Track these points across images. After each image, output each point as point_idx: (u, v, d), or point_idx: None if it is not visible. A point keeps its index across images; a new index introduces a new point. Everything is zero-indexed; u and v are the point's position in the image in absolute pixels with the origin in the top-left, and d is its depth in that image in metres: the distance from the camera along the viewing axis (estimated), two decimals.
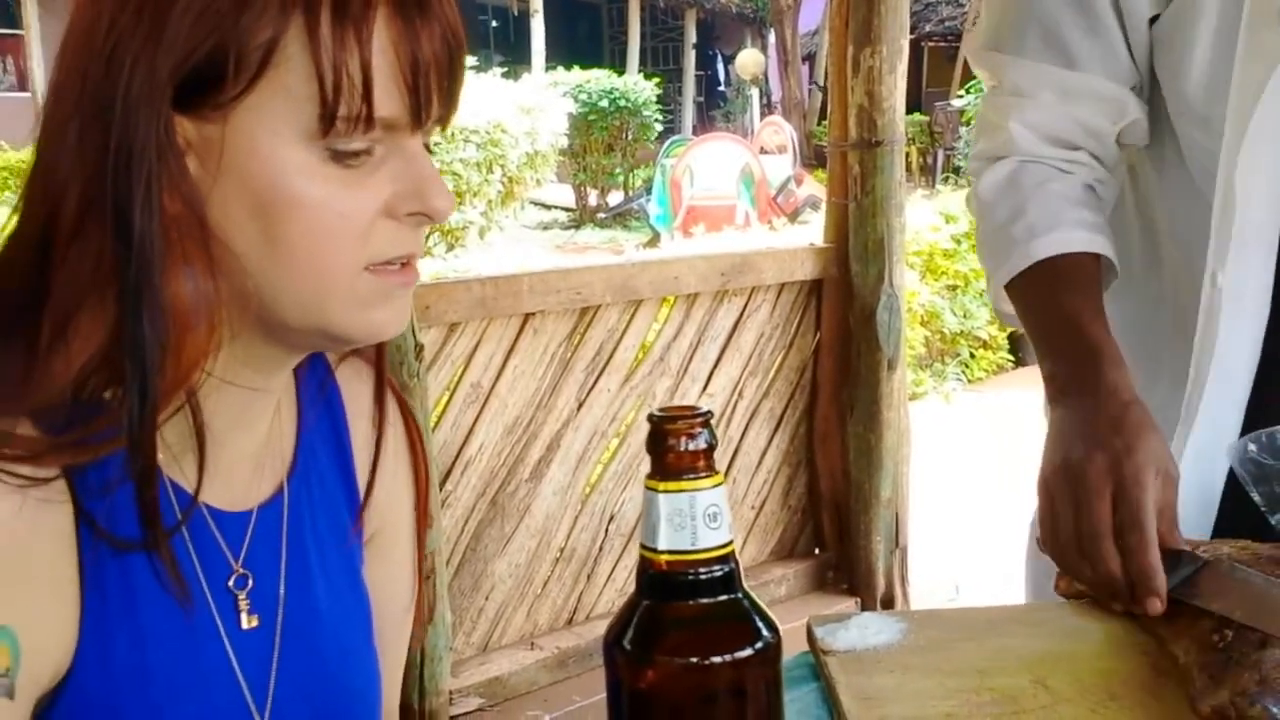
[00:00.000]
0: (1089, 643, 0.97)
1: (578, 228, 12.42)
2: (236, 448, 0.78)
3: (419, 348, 2.45)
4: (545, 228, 12.48)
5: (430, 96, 0.71)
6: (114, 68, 0.67)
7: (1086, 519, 0.94)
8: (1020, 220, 1.13)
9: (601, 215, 12.56)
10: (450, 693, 2.71)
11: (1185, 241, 1.12)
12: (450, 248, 8.86)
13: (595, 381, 2.99)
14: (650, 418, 0.65)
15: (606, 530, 3.12)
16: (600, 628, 3.04)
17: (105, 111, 0.67)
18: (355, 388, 0.88)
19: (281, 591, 0.80)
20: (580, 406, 2.97)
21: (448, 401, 2.79)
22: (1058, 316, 1.08)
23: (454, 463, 2.79)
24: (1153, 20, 1.12)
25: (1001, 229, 1.14)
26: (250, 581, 0.78)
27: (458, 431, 2.78)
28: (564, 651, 2.96)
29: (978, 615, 1.09)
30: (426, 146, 0.74)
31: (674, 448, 0.64)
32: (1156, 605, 0.91)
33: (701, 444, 0.64)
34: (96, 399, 0.69)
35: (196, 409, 0.71)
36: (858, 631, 1.00)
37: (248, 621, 0.78)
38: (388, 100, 0.69)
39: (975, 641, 0.98)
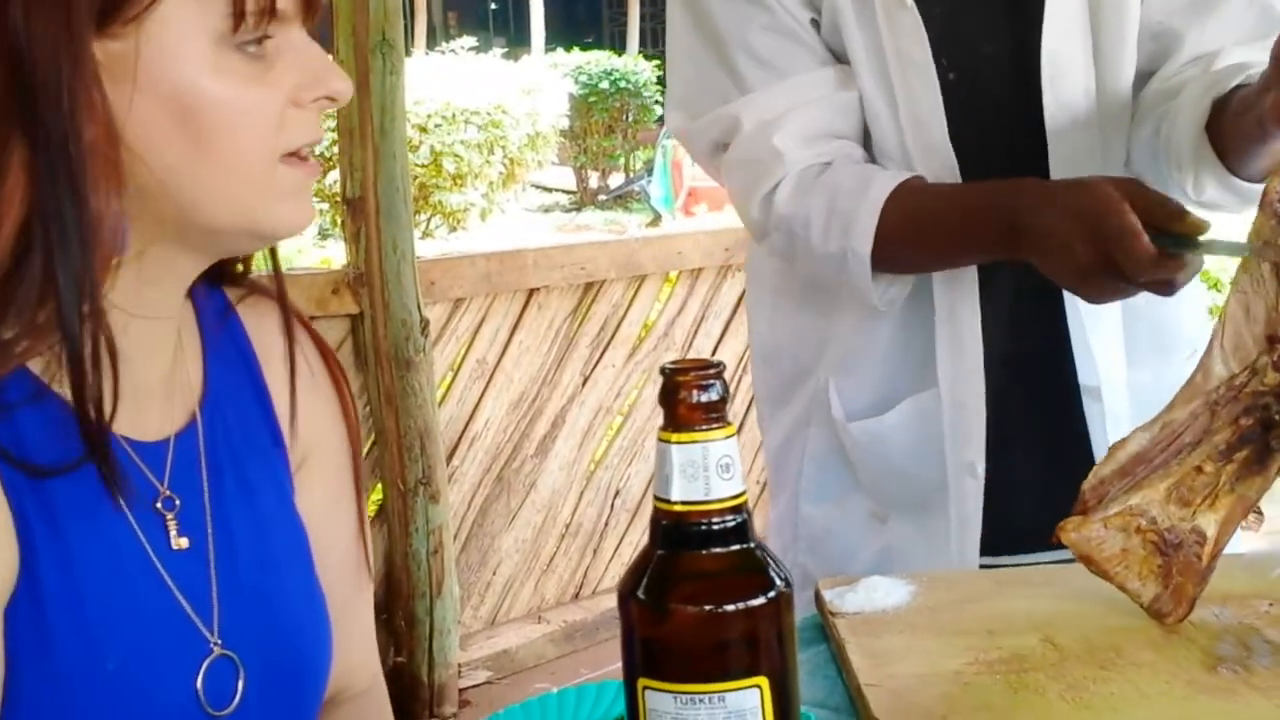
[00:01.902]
0: (1097, 603, 0.98)
1: (579, 210, 12.39)
2: (141, 377, 0.78)
3: (424, 323, 2.46)
4: (546, 210, 12.45)
5: None
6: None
7: (1106, 274, 1.01)
8: (839, 194, 1.16)
9: (602, 197, 12.52)
10: (459, 665, 2.73)
11: None
12: (452, 229, 8.84)
13: (600, 357, 3.00)
14: (663, 370, 0.65)
15: (612, 505, 3.14)
16: (607, 602, 3.07)
17: (13, 41, 0.68)
18: (258, 321, 0.89)
19: (208, 514, 0.81)
20: (585, 382, 2.99)
21: (453, 377, 2.80)
22: (950, 211, 1.16)
23: (460, 438, 2.81)
24: (815, 24, 1.21)
25: (830, 211, 1.16)
26: (178, 503, 0.79)
27: (463, 407, 2.80)
28: (571, 625, 2.98)
29: (986, 578, 1.09)
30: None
31: (686, 399, 0.64)
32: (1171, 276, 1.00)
33: (714, 395, 0.64)
34: None
35: (108, 331, 0.73)
36: (866, 594, 1.00)
37: (177, 542, 0.79)
38: None
39: (983, 603, 0.99)
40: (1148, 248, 0.97)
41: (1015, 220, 1.08)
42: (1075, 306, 1.20)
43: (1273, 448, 0.86)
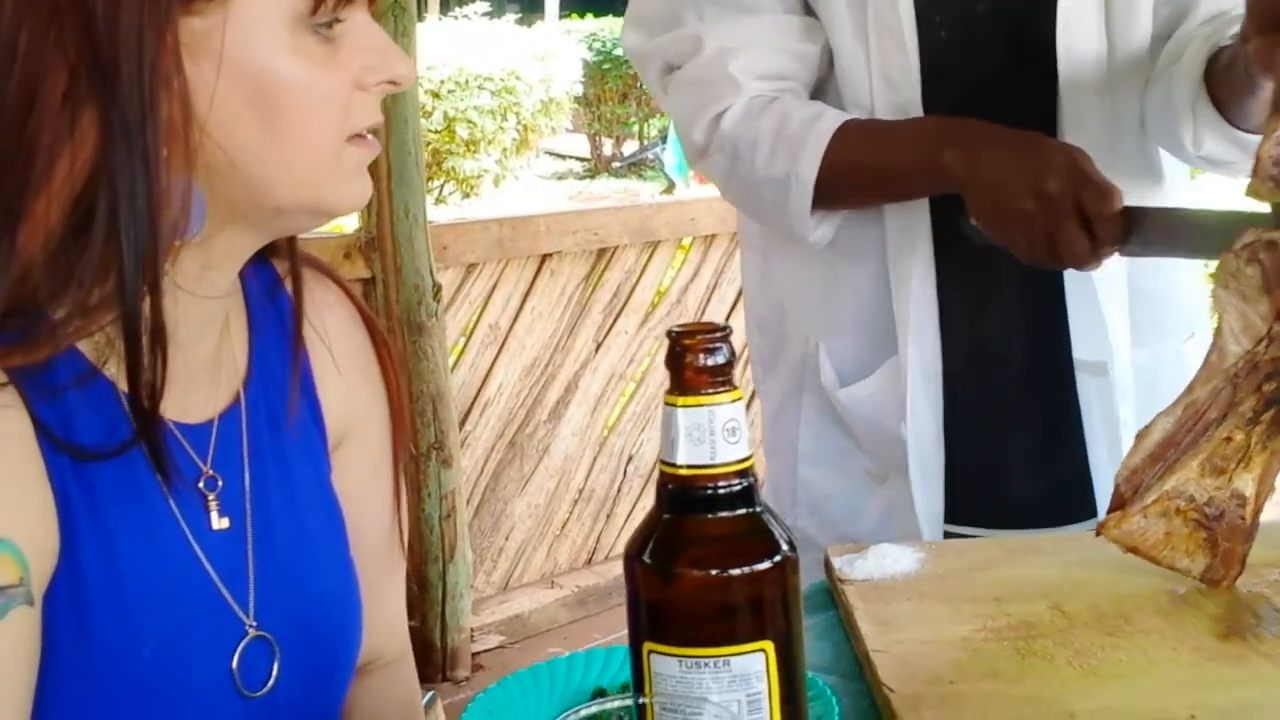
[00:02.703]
0: (1105, 570, 0.97)
1: (593, 178, 12.36)
2: (190, 357, 0.78)
3: (437, 288, 2.46)
4: (560, 177, 12.42)
5: None
6: None
7: (1061, 209, 1.02)
8: (790, 119, 1.16)
9: (616, 164, 12.48)
10: (471, 630, 2.75)
11: None
12: (465, 195, 8.83)
13: (613, 323, 3.00)
14: (669, 333, 0.65)
15: (625, 471, 3.14)
16: (619, 568, 3.06)
17: (92, 14, 0.67)
18: (308, 297, 0.88)
19: (247, 494, 0.81)
20: (598, 348, 2.99)
21: (466, 342, 2.80)
22: (905, 135, 1.15)
23: (472, 404, 2.81)
24: None
25: (778, 134, 1.16)
26: (220, 483, 0.80)
27: (476, 373, 2.80)
28: (584, 590, 2.99)
29: (994, 545, 1.09)
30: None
31: (693, 363, 0.64)
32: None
33: (720, 359, 0.64)
34: (38, 302, 0.70)
35: (158, 311, 0.72)
36: (875, 561, 1.00)
37: (218, 522, 0.79)
38: None
39: (993, 570, 0.99)
40: (1119, 195, 0.99)
41: (970, 164, 1.08)
42: (1079, 282, 1.19)
43: None
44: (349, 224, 2.65)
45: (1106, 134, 1.18)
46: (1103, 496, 1.22)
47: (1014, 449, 1.26)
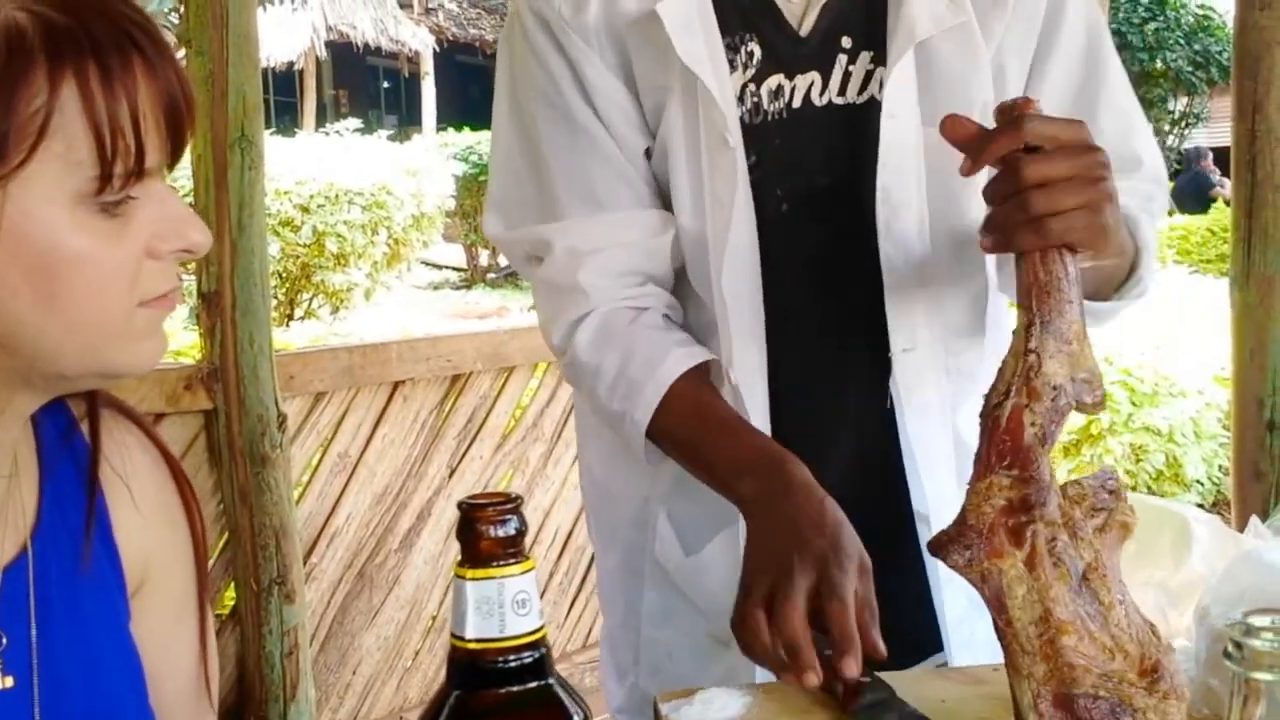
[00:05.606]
0: (930, 708, 0.99)
1: (469, 288, 12.38)
2: None
3: (282, 418, 2.41)
4: (436, 288, 12.41)
5: (183, 138, 0.75)
6: None
7: (788, 604, 0.97)
8: (633, 360, 1.17)
9: (492, 275, 12.55)
10: None
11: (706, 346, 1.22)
12: (335, 310, 8.76)
13: (468, 448, 2.98)
14: (459, 505, 0.65)
15: None
16: None
17: None
18: (107, 438, 0.86)
19: (34, 649, 0.78)
20: (452, 474, 2.95)
21: (314, 472, 2.74)
22: (720, 439, 1.14)
23: (319, 535, 2.74)
24: (648, 153, 1.21)
25: (619, 374, 1.17)
26: (3, 641, 0.77)
27: (324, 502, 2.74)
28: None
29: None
30: None
31: (483, 535, 0.64)
32: (852, 668, 0.93)
33: (510, 530, 0.65)
34: None
35: None
36: (702, 707, 1.00)
37: (1, 681, 0.76)
38: (152, 150, 0.72)
39: (814, 714, 1.00)
40: (850, 611, 0.94)
41: (755, 505, 1.07)
42: (907, 435, 1.20)
43: None
44: (191, 355, 2.60)
45: (930, 308, 1.20)
46: (951, 636, 1.23)
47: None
